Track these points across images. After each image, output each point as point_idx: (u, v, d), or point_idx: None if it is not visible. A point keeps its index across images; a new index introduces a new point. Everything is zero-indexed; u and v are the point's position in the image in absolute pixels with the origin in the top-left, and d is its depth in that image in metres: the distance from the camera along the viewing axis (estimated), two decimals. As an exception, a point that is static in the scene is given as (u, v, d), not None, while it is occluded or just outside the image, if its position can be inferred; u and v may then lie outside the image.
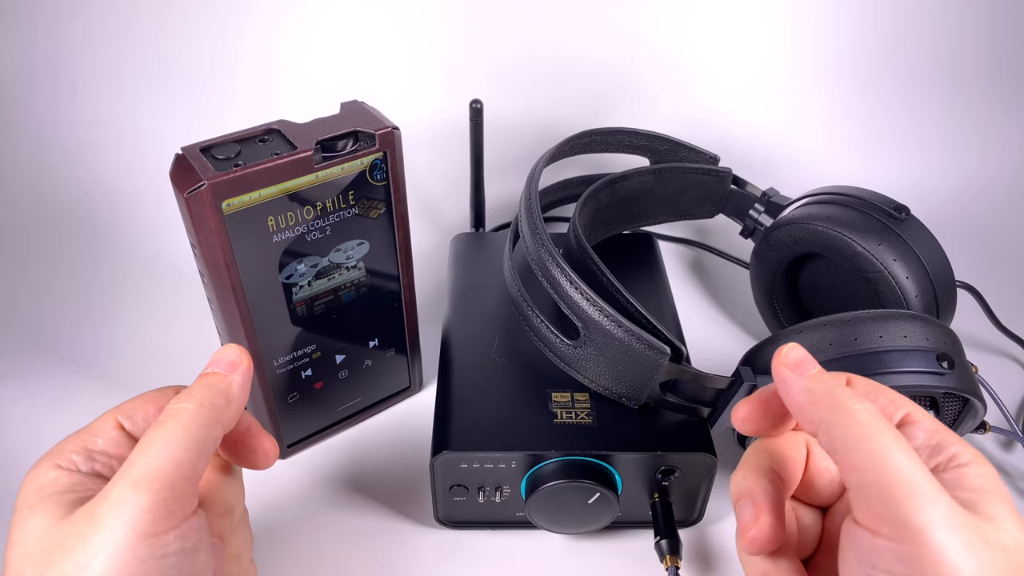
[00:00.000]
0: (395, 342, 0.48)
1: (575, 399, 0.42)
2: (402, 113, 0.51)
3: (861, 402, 0.26)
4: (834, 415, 0.26)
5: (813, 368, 0.28)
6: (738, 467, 0.31)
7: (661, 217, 0.59)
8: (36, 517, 0.26)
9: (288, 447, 0.48)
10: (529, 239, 0.43)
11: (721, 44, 0.79)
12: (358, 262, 0.42)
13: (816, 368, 0.28)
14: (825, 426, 0.26)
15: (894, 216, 0.47)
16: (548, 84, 0.78)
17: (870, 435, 0.25)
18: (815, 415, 0.27)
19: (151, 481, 0.25)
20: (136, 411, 0.30)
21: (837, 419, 0.26)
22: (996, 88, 0.79)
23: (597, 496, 0.39)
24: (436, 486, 0.41)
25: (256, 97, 0.74)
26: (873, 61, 0.79)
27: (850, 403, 0.26)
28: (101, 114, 0.71)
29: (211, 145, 0.36)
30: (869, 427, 0.25)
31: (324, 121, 0.38)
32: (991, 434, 0.50)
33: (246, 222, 0.36)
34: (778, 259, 0.53)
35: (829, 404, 0.26)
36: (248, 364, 0.31)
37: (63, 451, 0.28)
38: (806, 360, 0.29)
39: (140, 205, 0.69)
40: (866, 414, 0.26)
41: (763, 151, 0.78)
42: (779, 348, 0.29)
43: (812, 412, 0.27)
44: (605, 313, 0.38)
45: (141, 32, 0.71)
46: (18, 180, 0.69)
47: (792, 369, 0.28)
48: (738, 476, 0.31)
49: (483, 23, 0.76)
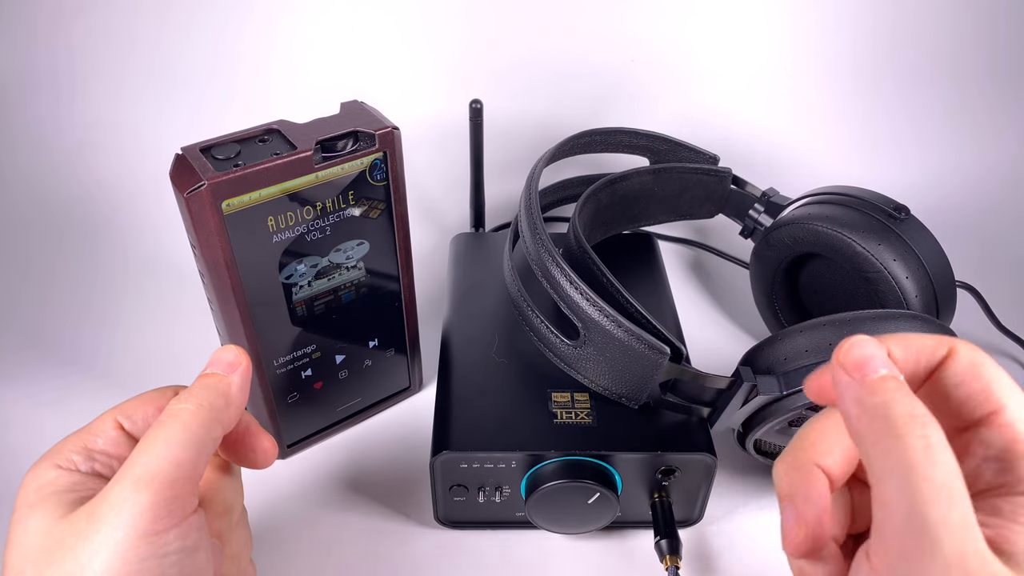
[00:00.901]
0: (395, 342, 0.48)
1: (575, 399, 0.42)
2: (402, 113, 0.51)
3: (920, 427, 0.21)
4: (879, 438, 0.22)
5: (880, 369, 0.23)
6: (783, 455, 0.27)
7: (661, 217, 0.59)
8: (36, 516, 0.26)
9: (288, 447, 0.48)
10: (529, 239, 0.43)
11: (721, 44, 0.79)
12: (358, 262, 0.42)
13: (885, 369, 0.23)
14: (864, 445, 0.23)
15: (894, 216, 0.47)
16: (548, 84, 0.78)
17: (909, 471, 0.21)
18: (858, 430, 0.23)
19: (152, 480, 0.25)
20: (135, 411, 0.30)
21: (880, 442, 0.22)
22: (996, 88, 0.79)
23: (597, 496, 0.39)
24: (436, 486, 0.41)
25: (256, 97, 0.74)
26: (873, 61, 0.79)
27: (904, 428, 0.21)
28: (102, 114, 0.71)
29: (211, 145, 0.36)
30: (913, 462, 0.21)
31: (324, 121, 0.38)
32: (991, 434, 0.50)
33: (246, 222, 0.36)
34: (778, 259, 0.53)
35: (876, 426, 0.22)
36: (247, 365, 0.31)
37: (63, 451, 0.28)
38: (871, 360, 0.23)
39: (140, 205, 0.69)
40: (919, 447, 0.21)
41: (763, 151, 0.78)
42: (844, 341, 0.24)
43: (857, 426, 0.23)
44: (605, 313, 0.38)
45: (142, 32, 0.71)
46: (19, 180, 0.69)
47: (850, 372, 0.24)
48: (781, 469, 0.26)
49: (483, 23, 0.76)
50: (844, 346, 0.24)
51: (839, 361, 0.24)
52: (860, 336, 0.24)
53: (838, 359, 0.24)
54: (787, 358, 0.39)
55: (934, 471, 0.21)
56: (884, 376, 0.23)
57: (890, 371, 0.23)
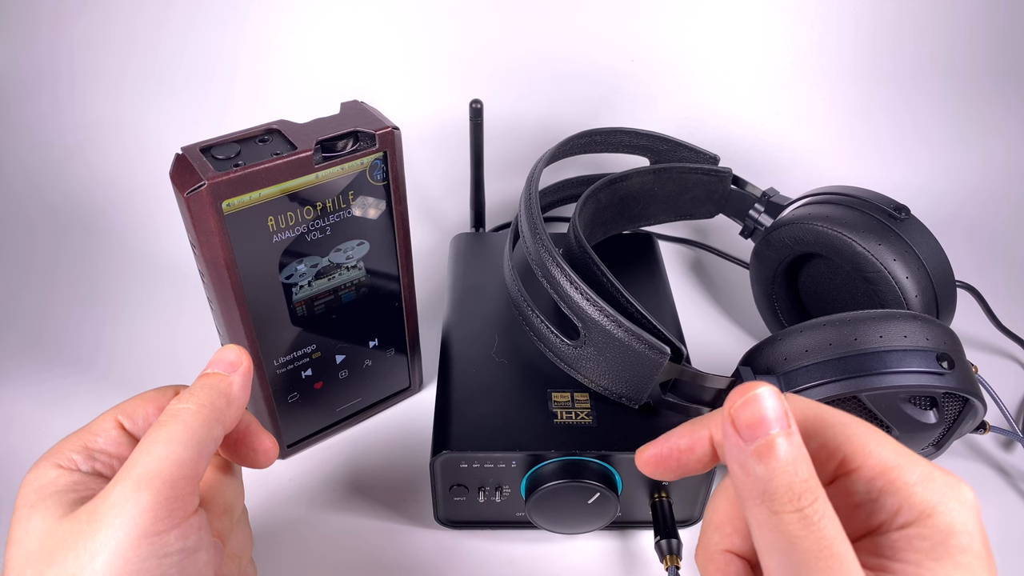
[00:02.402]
0: (395, 342, 0.48)
1: (575, 399, 0.42)
2: (402, 113, 0.51)
3: (797, 500, 0.21)
4: (758, 510, 0.22)
5: (771, 431, 0.22)
6: (698, 544, 0.27)
7: (661, 217, 0.59)
8: (37, 516, 0.26)
9: (288, 447, 0.48)
10: (529, 239, 0.43)
11: (721, 44, 0.79)
12: (358, 262, 0.42)
13: (776, 428, 0.22)
14: (746, 514, 0.23)
15: (894, 216, 0.47)
16: (548, 84, 0.78)
17: (788, 546, 0.21)
18: (741, 496, 0.23)
19: (152, 480, 0.25)
20: (136, 411, 0.30)
21: (759, 514, 0.22)
22: (996, 88, 0.79)
23: (597, 496, 0.39)
24: (436, 486, 0.41)
25: (256, 97, 0.74)
26: (873, 61, 0.79)
27: (783, 502, 0.21)
28: (102, 113, 0.72)
29: (211, 145, 0.36)
30: (791, 537, 0.21)
31: (324, 121, 0.38)
32: (991, 434, 0.50)
33: (246, 222, 0.36)
34: (778, 259, 0.53)
35: (755, 498, 0.22)
36: (248, 364, 0.31)
37: (63, 450, 0.28)
38: (761, 423, 0.22)
39: (141, 204, 0.69)
40: (794, 520, 0.21)
41: (763, 151, 0.78)
42: (736, 391, 0.23)
43: (739, 491, 0.23)
44: (605, 313, 0.38)
45: (142, 32, 0.71)
46: (20, 179, 0.69)
47: (740, 431, 0.22)
48: (698, 562, 0.27)
49: (483, 23, 0.76)
50: (737, 400, 0.22)
51: (730, 414, 0.22)
52: (757, 391, 0.22)
53: (730, 412, 0.22)
54: (787, 358, 0.39)
55: (812, 544, 0.21)
56: (769, 441, 0.22)
57: (780, 430, 0.22)
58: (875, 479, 0.23)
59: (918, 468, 0.23)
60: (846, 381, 0.37)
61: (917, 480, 0.23)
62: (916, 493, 0.23)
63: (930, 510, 0.22)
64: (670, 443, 0.26)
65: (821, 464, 0.24)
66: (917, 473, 0.23)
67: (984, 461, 0.49)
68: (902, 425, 0.39)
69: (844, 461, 0.24)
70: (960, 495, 0.23)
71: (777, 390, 0.22)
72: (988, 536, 0.23)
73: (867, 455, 0.23)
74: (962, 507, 0.22)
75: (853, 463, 0.23)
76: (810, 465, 0.22)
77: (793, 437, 0.22)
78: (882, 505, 0.23)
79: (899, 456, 0.23)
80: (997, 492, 0.47)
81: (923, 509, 0.22)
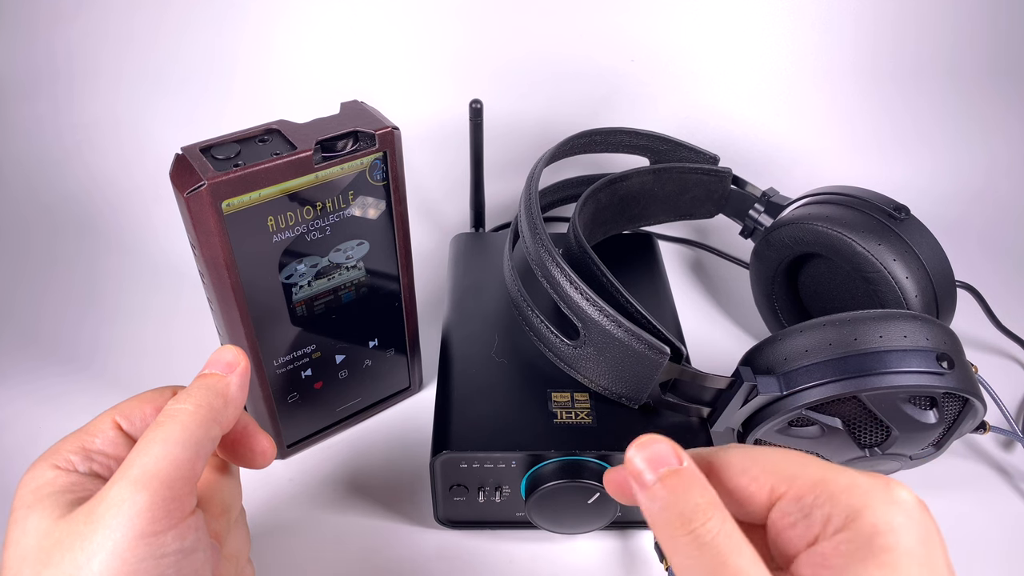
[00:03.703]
0: (395, 342, 0.48)
1: (575, 399, 0.42)
2: (402, 113, 0.51)
3: (687, 524, 0.23)
4: (665, 541, 0.24)
5: (659, 470, 0.24)
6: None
7: (661, 217, 0.59)
8: (34, 517, 0.26)
9: (288, 447, 0.48)
10: (529, 239, 0.43)
11: (721, 44, 0.79)
12: (358, 262, 0.42)
13: (665, 468, 0.24)
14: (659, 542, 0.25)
15: (894, 216, 0.47)
16: (548, 84, 0.78)
17: (691, 569, 0.23)
18: (654, 530, 0.25)
19: (150, 481, 0.25)
20: (133, 411, 0.30)
21: (664, 542, 0.24)
22: (996, 88, 0.79)
23: (597, 496, 0.39)
24: (436, 486, 0.41)
25: (256, 97, 0.74)
26: (873, 61, 0.79)
27: (678, 529, 0.23)
28: (100, 114, 0.72)
29: (211, 145, 0.36)
30: (689, 559, 0.23)
31: (324, 121, 0.38)
32: (991, 434, 0.50)
33: (246, 222, 0.36)
34: (778, 259, 0.53)
35: (659, 531, 0.24)
36: (246, 365, 0.31)
37: (60, 451, 0.28)
38: (640, 474, 0.25)
39: (139, 205, 0.69)
40: (689, 544, 0.23)
41: (763, 151, 0.78)
42: (633, 443, 0.25)
43: (652, 526, 0.25)
44: (605, 313, 0.38)
45: (139, 32, 0.71)
46: (18, 180, 0.69)
47: (636, 475, 0.25)
48: None
49: (483, 23, 0.76)
50: (631, 448, 0.25)
51: (627, 459, 0.25)
52: (648, 438, 0.25)
53: (627, 458, 0.25)
54: (787, 358, 0.39)
55: (708, 561, 0.22)
56: (662, 476, 0.24)
57: (666, 468, 0.24)
58: (804, 496, 0.24)
59: (843, 477, 0.24)
60: (846, 381, 0.37)
61: (842, 488, 0.24)
62: (842, 500, 0.24)
63: (855, 514, 0.23)
64: (621, 473, 0.28)
65: (753, 495, 0.25)
66: (842, 482, 0.24)
67: (984, 461, 0.49)
68: (902, 425, 0.39)
69: (773, 488, 0.25)
70: (890, 496, 0.23)
71: (665, 439, 0.25)
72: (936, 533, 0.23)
73: (793, 477, 0.25)
74: (889, 507, 0.23)
75: (781, 488, 0.25)
76: (704, 490, 0.24)
77: (682, 472, 0.24)
78: (816, 518, 0.24)
79: (824, 471, 0.25)
80: (997, 492, 0.47)
81: (848, 514, 0.23)
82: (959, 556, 0.43)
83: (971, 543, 0.44)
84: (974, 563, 0.43)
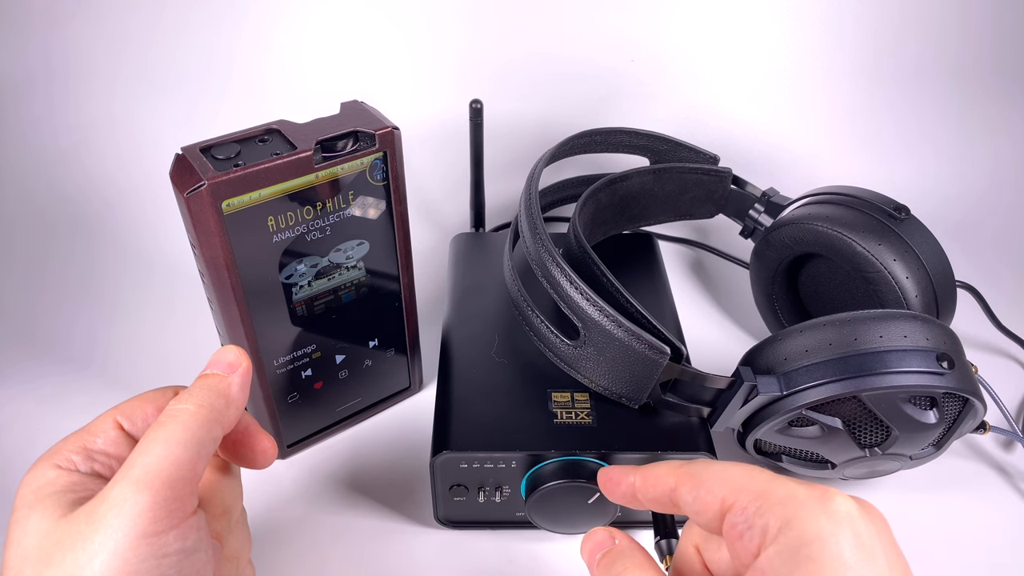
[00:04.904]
0: (395, 342, 0.48)
1: (575, 399, 0.42)
2: (402, 113, 0.51)
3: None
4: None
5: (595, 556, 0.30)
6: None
7: (661, 217, 0.59)
8: (35, 516, 0.26)
9: (288, 447, 0.48)
10: (529, 239, 0.43)
11: (721, 44, 0.79)
12: (358, 262, 0.42)
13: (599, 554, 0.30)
14: None
15: (894, 216, 0.47)
16: (548, 84, 0.78)
17: None
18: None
19: (151, 481, 0.25)
20: (135, 411, 0.30)
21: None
22: (997, 88, 0.79)
23: (597, 496, 0.39)
24: (436, 486, 0.41)
25: (256, 97, 0.74)
26: (874, 61, 0.79)
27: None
28: (96, 115, 0.71)
29: (211, 145, 0.36)
30: None
31: (324, 121, 0.38)
32: (991, 434, 0.50)
33: (246, 222, 0.36)
34: (778, 259, 0.53)
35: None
36: (247, 365, 0.31)
37: (62, 451, 0.28)
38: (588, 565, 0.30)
39: (136, 205, 0.69)
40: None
41: (763, 151, 0.78)
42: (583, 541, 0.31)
43: None
44: (605, 313, 0.38)
45: (135, 32, 0.71)
46: (15, 181, 0.69)
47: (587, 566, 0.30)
48: None
49: (483, 23, 0.76)
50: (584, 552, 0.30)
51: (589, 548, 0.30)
52: (589, 534, 0.31)
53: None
54: (787, 358, 0.39)
55: None
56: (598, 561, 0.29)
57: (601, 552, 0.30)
58: (748, 507, 0.25)
59: (783, 488, 0.25)
60: (846, 381, 0.37)
61: (780, 499, 0.25)
62: (777, 511, 0.24)
63: (787, 525, 0.24)
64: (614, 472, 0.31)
65: (708, 505, 0.27)
66: (780, 493, 0.25)
67: (984, 461, 0.49)
68: (902, 425, 0.39)
69: (724, 499, 0.26)
70: (822, 506, 0.24)
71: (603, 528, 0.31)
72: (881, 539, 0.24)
73: (740, 489, 0.26)
74: (818, 517, 0.24)
75: (730, 499, 0.26)
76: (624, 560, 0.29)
77: (612, 549, 0.29)
78: (758, 529, 0.25)
79: (768, 482, 0.25)
80: (997, 492, 0.47)
81: (781, 525, 0.24)
82: (959, 556, 0.43)
83: (971, 543, 0.44)
84: (974, 563, 0.43)
